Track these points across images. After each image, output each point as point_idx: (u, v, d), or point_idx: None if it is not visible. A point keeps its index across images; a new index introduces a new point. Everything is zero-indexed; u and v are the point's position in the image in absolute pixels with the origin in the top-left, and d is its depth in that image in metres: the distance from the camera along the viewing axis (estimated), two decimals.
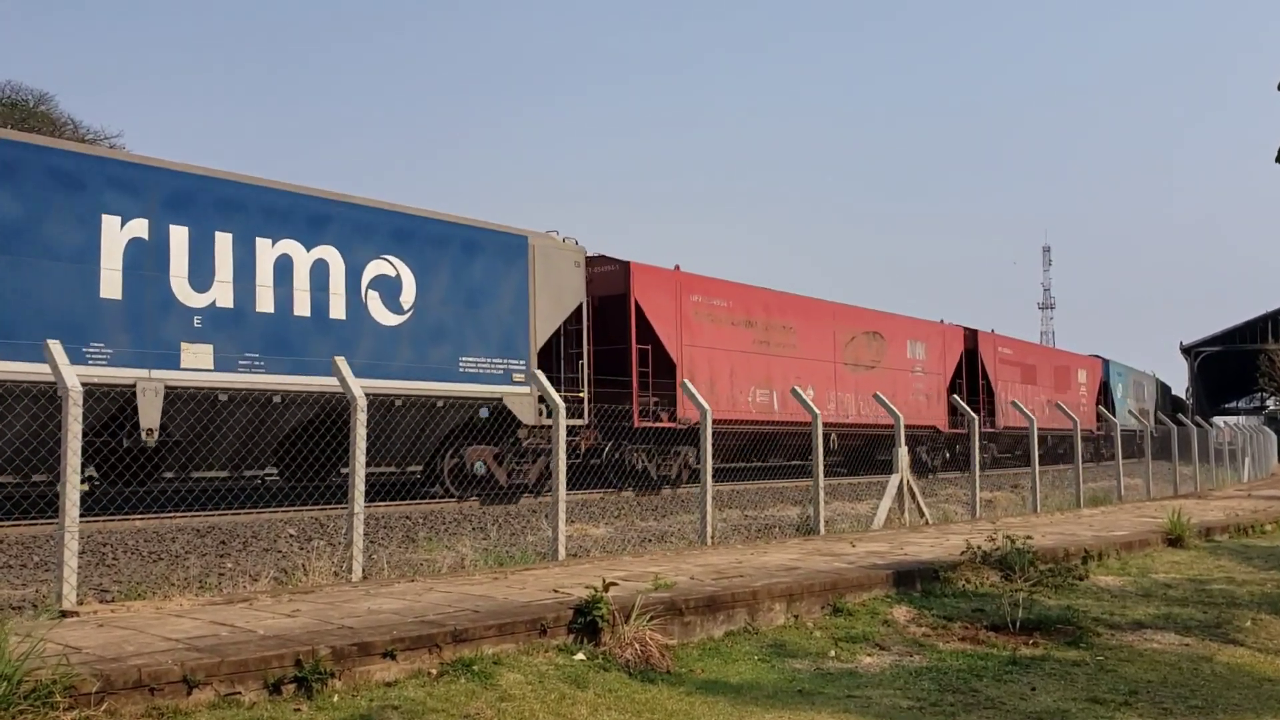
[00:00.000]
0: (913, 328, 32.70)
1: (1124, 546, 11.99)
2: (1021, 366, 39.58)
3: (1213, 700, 6.03)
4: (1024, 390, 38.59)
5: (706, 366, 23.90)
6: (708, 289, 24.79)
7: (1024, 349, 41.04)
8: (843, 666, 6.74)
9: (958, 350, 35.01)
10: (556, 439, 9.93)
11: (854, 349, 29.39)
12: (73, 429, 6.78)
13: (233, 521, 14.66)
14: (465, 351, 18.29)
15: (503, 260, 19.26)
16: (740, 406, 24.50)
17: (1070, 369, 45.04)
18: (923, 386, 32.43)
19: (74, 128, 40.35)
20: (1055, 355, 45.41)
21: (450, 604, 6.91)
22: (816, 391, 26.76)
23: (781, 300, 27.51)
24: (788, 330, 26.93)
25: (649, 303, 22.68)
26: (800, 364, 26.95)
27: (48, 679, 4.55)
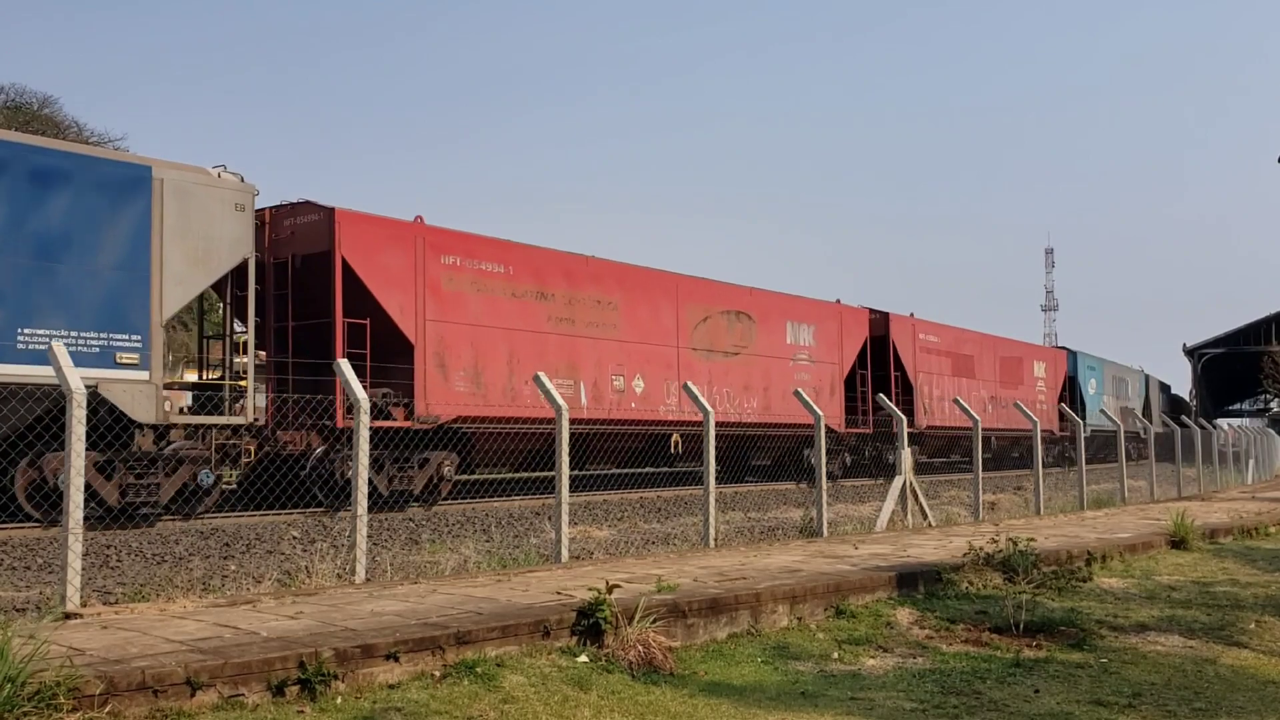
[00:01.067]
0: (794, 308, 27.74)
1: (1128, 548, 11.97)
2: (953, 357, 34.50)
3: (1217, 703, 6.02)
4: (957, 385, 33.95)
5: (468, 349, 18.82)
6: (471, 249, 19.40)
7: (957, 337, 35.33)
8: (846, 668, 6.73)
9: (860, 336, 30.02)
10: (560, 439, 9.92)
11: (708, 331, 24.53)
12: (76, 430, 6.79)
13: (236, 523, 14.67)
14: (31, 321, 13.57)
15: (106, 198, 14.42)
16: (522, 400, 19.32)
17: (1023, 361, 40.15)
18: (810, 378, 27.30)
19: (78, 130, 40.41)
20: (1003, 345, 39.16)
21: (453, 606, 6.91)
22: (648, 383, 22.40)
23: (594, 269, 21.91)
24: (605, 306, 21.82)
25: (368, 263, 17.43)
26: (623, 348, 22.07)
27: (51, 681, 4.55)
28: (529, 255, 20.61)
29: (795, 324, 27.58)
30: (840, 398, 28.23)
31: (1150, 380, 57.73)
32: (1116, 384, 49.75)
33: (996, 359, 37.64)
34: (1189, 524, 13.07)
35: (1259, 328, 69.87)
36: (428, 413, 17.90)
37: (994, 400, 35.18)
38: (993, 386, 36.58)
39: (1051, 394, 40.94)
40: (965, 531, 13.01)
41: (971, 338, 36.21)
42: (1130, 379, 52.91)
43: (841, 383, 28.59)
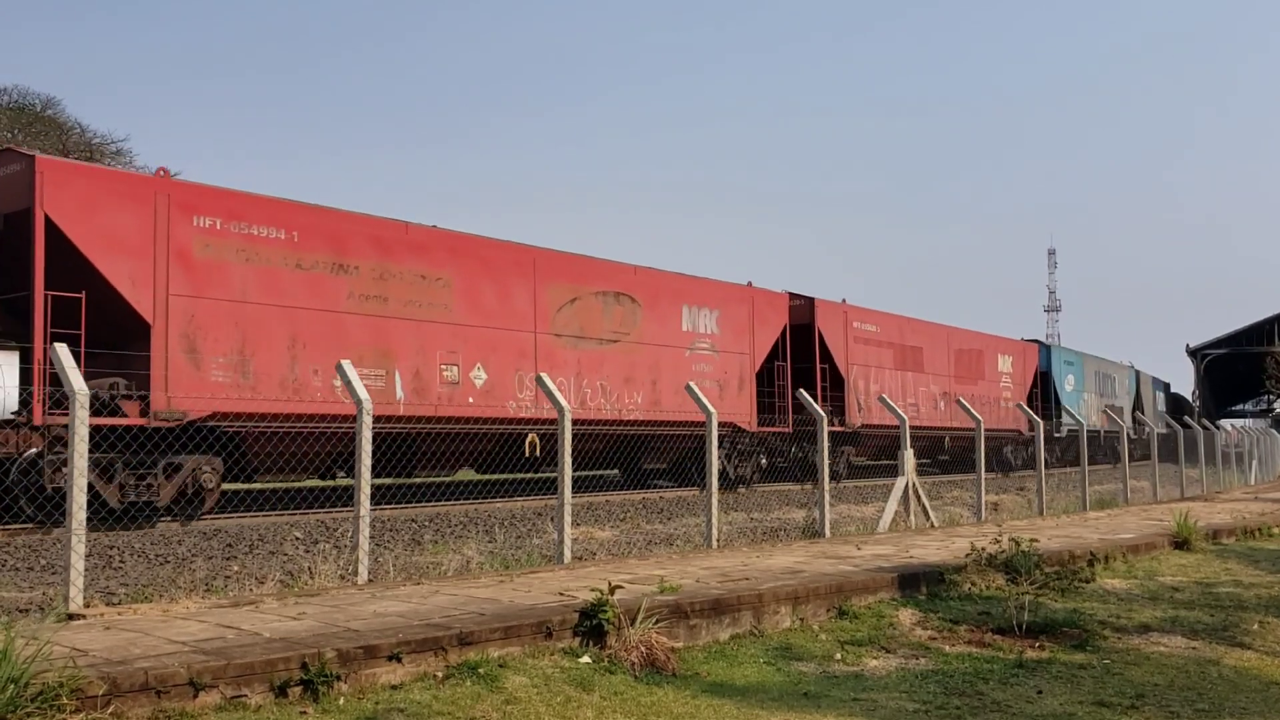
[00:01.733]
0: (692, 290, 24.01)
1: (1130, 549, 11.97)
2: (896, 348, 31.10)
3: (1220, 704, 6.02)
4: (901, 379, 30.93)
5: (230, 330, 15.55)
6: (237, 209, 15.96)
7: (901, 326, 31.76)
8: (848, 669, 6.74)
9: (777, 324, 26.34)
10: (562, 440, 9.92)
11: (577, 315, 20.86)
12: (80, 432, 6.80)
13: (239, 524, 14.68)
14: None
15: None
16: (310, 393, 16.32)
17: (984, 354, 36.18)
18: (712, 370, 23.93)
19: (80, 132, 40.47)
20: (960, 337, 35.14)
21: (456, 607, 6.91)
22: (494, 374, 18.97)
23: (416, 238, 18.34)
24: (432, 283, 18.21)
25: (85, 223, 14.33)
26: (459, 333, 18.52)
27: (54, 681, 4.56)
28: (322, 220, 17.09)
29: (694, 309, 23.87)
30: (751, 393, 24.97)
31: (1142, 377, 54.58)
32: (1101, 380, 46.41)
33: (951, 351, 33.84)
34: (1192, 525, 13.07)
35: (1262, 328, 69.83)
36: (170, 407, 14.61)
37: (948, 397, 31.80)
38: (946, 382, 33.07)
39: (1019, 391, 37.97)
40: (968, 532, 13.01)
41: (920, 328, 32.55)
42: (1118, 375, 49.75)
43: (753, 376, 25.17)
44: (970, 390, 33.57)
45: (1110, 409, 41.63)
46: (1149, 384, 56.32)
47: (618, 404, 21.79)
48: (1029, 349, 39.93)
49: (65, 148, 37.31)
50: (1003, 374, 37.35)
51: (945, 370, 33.51)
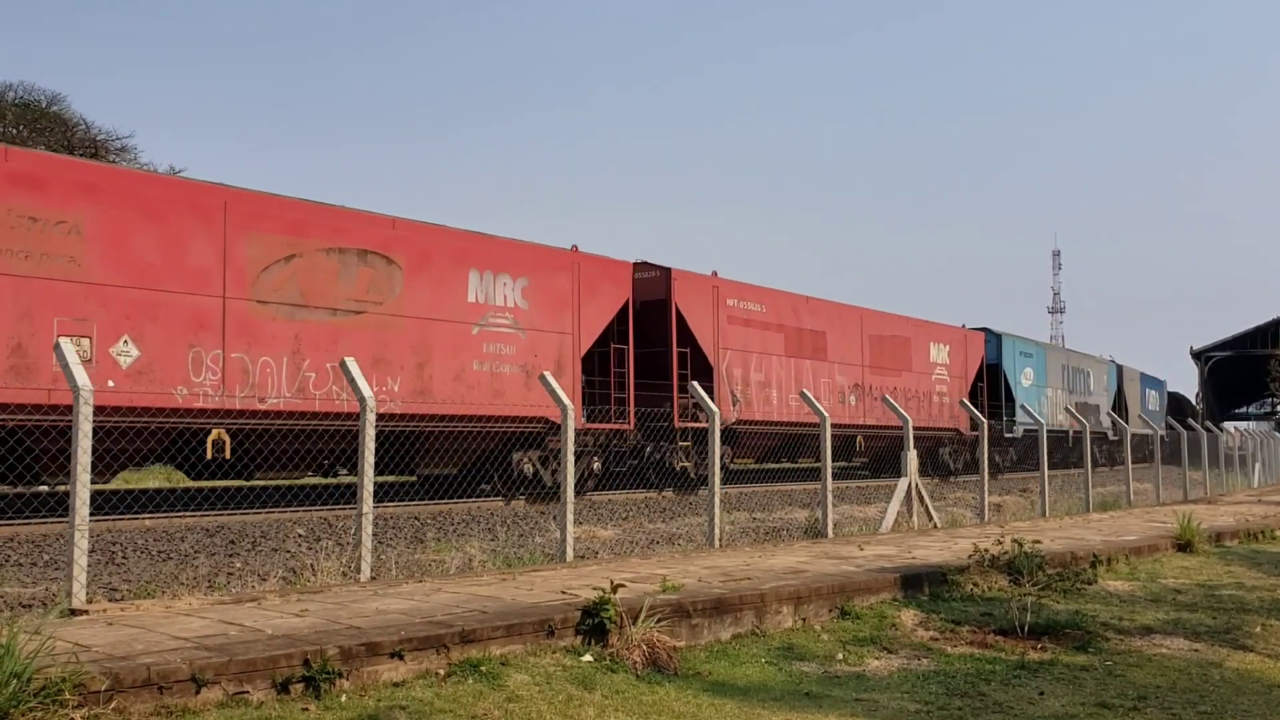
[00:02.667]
0: (485, 252, 18.95)
1: (1133, 551, 11.96)
2: (788, 332, 26.14)
3: (1222, 706, 6.01)
4: (795, 368, 26.11)
5: None
6: None
7: (793, 306, 26.59)
8: (850, 670, 6.73)
9: (617, 297, 21.52)
10: (565, 441, 9.93)
11: (295, 277, 16.08)
12: (83, 428, 6.80)
13: (242, 521, 14.70)
14: None
15: None
16: None
17: (910, 342, 30.95)
18: (513, 351, 19.04)
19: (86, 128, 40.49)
20: (876, 321, 29.88)
21: (458, 605, 6.92)
22: (153, 351, 14.34)
23: (21, 167, 13.50)
24: (49, 228, 13.52)
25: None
26: (94, 294, 13.90)
27: (57, 677, 4.56)
28: None
29: (487, 275, 18.77)
30: (575, 381, 20.01)
31: (1126, 373, 49.72)
32: (1071, 376, 41.72)
33: (866, 338, 29.08)
34: (1195, 527, 13.06)
35: (1266, 331, 69.68)
36: None
37: (860, 390, 27.88)
38: (857, 372, 28.42)
39: (959, 385, 32.95)
40: (970, 533, 13.00)
41: (823, 309, 27.77)
42: (1093, 370, 44.86)
43: (577, 360, 20.26)
44: (892, 383, 29.34)
45: (1080, 407, 38.92)
46: (1135, 381, 51.88)
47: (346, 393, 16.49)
48: (972, 338, 34.75)
49: (70, 144, 37.35)
50: (936, 365, 31.99)
51: (857, 359, 28.56)
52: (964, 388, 33.32)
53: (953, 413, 31.99)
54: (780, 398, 25.42)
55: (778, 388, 25.48)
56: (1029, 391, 36.84)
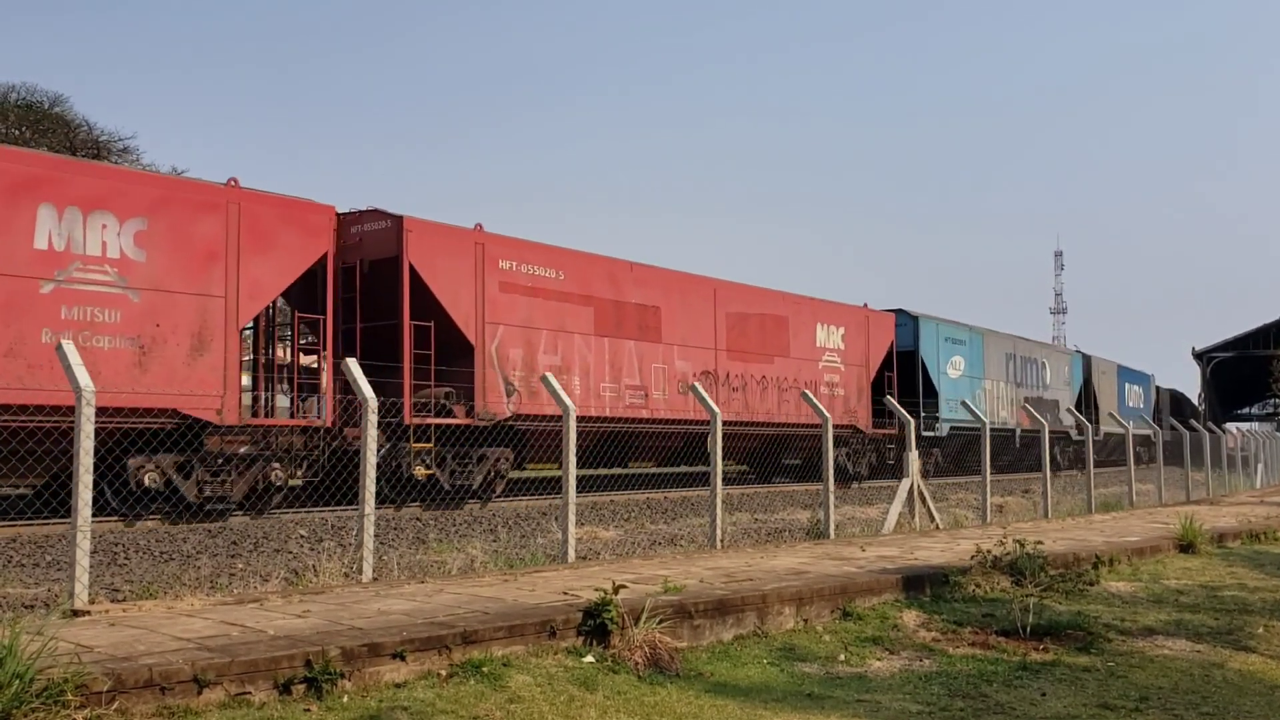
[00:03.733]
0: (78, 183, 13.89)
1: (1135, 552, 11.95)
2: (598, 305, 20.53)
3: (1224, 707, 6.00)
4: (610, 350, 20.57)
5: None
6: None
7: (608, 273, 20.92)
8: (852, 670, 6.73)
9: (303, 252, 16.19)
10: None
11: None
12: (85, 429, 6.81)
13: (244, 522, 14.70)
14: None
15: None
16: None
17: (786, 322, 25.37)
18: (117, 320, 13.87)
19: (88, 129, 40.52)
20: (736, 295, 24.13)
21: (460, 605, 6.92)
22: None
23: None
24: None
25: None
26: None
27: (59, 677, 4.57)
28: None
29: (73, 214, 13.63)
30: (225, 361, 14.95)
31: (1096, 364, 43.83)
32: (1020, 367, 36.22)
33: (722, 315, 23.44)
34: (1197, 528, 13.04)
35: (1268, 331, 69.56)
36: None
37: (712, 378, 22.75)
38: (708, 357, 22.94)
39: (857, 374, 27.57)
40: (973, 534, 13.00)
41: (655, 279, 21.95)
42: (1051, 361, 39.38)
43: (232, 333, 15.11)
44: (760, 370, 24.23)
45: (1033, 402, 34.98)
46: (1110, 374, 45.91)
47: None
48: (877, 320, 28.90)
49: (73, 145, 37.37)
50: (825, 350, 26.53)
51: (707, 340, 22.98)
52: (865, 377, 27.83)
53: (848, 407, 26.80)
54: (587, 387, 19.89)
55: (583, 374, 19.88)
56: (958, 384, 31.34)
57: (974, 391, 31.99)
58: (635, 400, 21.02)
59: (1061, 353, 41.85)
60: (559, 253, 20.10)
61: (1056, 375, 39.41)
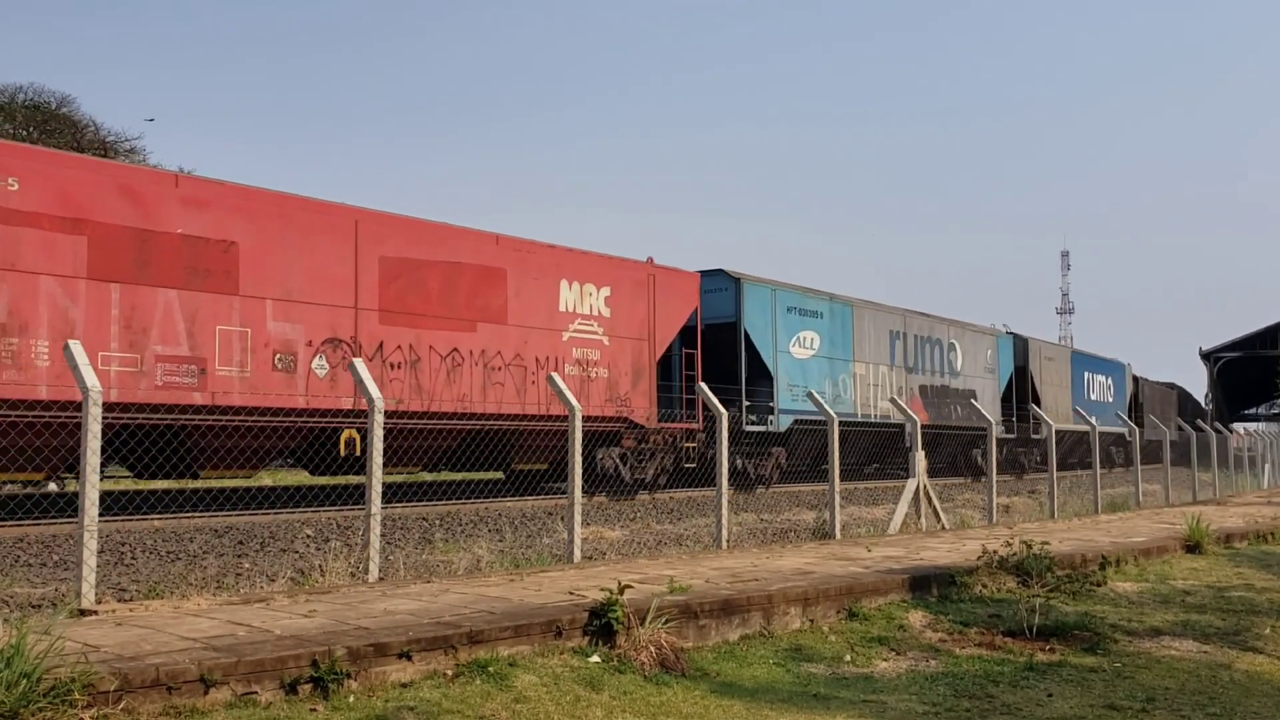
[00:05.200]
0: None
1: (1142, 553, 11.92)
2: (89, 231, 13.71)
3: (1231, 708, 5.99)
4: (116, 302, 13.92)
5: None
6: None
7: (115, 183, 14.12)
8: (858, 671, 6.73)
9: None
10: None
11: None
12: (92, 429, 6.82)
13: (250, 522, 14.72)
14: None
15: None
16: None
17: (506, 276, 18.75)
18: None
19: (95, 129, 40.63)
20: (406, 234, 17.40)
21: (466, 605, 6.92)
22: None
23: None
24: None
25: None
26: None
27: (66, 677, 4.58)
28: None
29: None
30: None
31: (1037, 349, 36.92)
32: (913, 347, 29.74)
33: (370, 260, 16.70)
34: (1204, 528, 13.02)
35: (1276, 331, 69.41)
36: None
37: (350, 348, 16.22)
38: (342, 319, 16.26)
39: (633, 349, 21.04)
40: (979, 535, 12.98)
41: (226, 200, 15.21)
42: (963, 342, 32.33)
43: None
44: (451, 340, 17.72)
45: (933, 391, 29.79)
46: (1061, 361, 38.94)
47: None
48: (668, 280, 22.11)
49: (80, 145, 37.46)
50: (576, 316, 20.04)
51: (339, 294, 16.26)
52: (647, 355, 21.35)
53: (616, 393, 20.53)
54: (53, 353, 13.26)
55: (60, 338, 13.21)
56: (807, 366, 25.37)
57: (836, 376, 26.23)
58: (180, 379, 14.34)
59: (980, 332, 33.85)
60: (10, 150, 13.70)
61: (972, 360, 32.65)
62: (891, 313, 29.24)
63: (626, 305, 21.00)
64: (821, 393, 23.81)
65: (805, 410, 24.11)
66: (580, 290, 20.13)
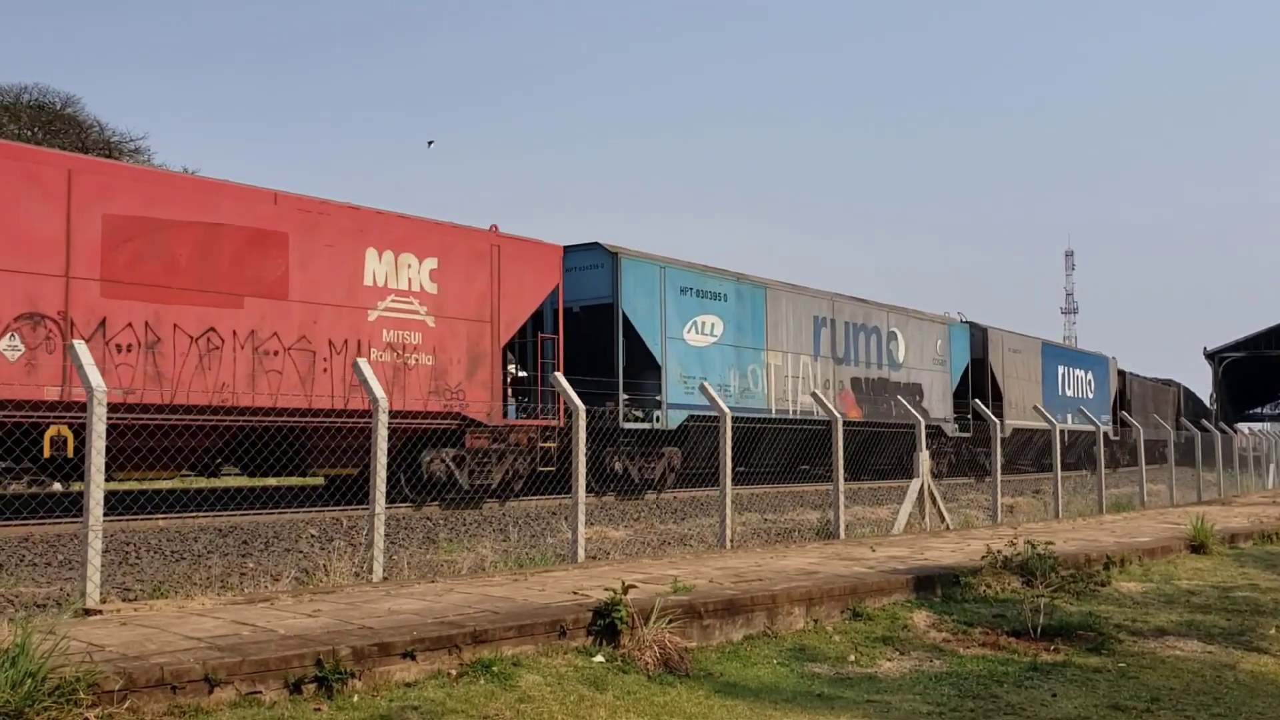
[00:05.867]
0: None
1: (1146, 553, 11.90)
2: None
3: (1236, 708, 5.98)
4: None
5: None
6: None
7: None
8: (862, 671, 6.72)
9: None
10: (577, 437, 9.93)
11: None
12: (97, 428, 6.83)
13: (254, 521, 14.73)
14: None
15: None
16: None
17: (286, 241, 15.58)
18: None
19: (100, 130, 40.70)
20: (149, 188, 14.26)
21: (470, 605, 6.92)
22: None
23: None
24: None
25: None
26: None
27: (71, 676, 4.58)
28: None
29: None
30: None
31: (998, 340, 33.09)
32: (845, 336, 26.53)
33: (92, 219, 13.72)
34: (1208, 528, 13.00)
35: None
36: None
37: (53, 325, 13.18)
38: (47, 290, 13.24)
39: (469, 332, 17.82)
40: (983, 535, 12.96)
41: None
42: (907, 332, 29.00)
43: None
44: (205, 317, 14.58)
45: (872, 384, 27.04)
46: (1030, 354, 35.28)
47: None
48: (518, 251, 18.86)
49: (84, 145, 37.53)
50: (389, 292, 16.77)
51: (42, 261, 13.25)
52: (490, 339, 18.13)
53: (445, 384, 17.36)
54: None
55: None
56: (707, 354, 22.10)
57: (745, 367, 22.91)
58: None
59: (928, 321, 30.22)
60: None
61: (918, 350, 29.28)
62: (816, 297, 26.00)
63: (460, 280, 17.71)
64: (724, 386, 21.83)
65: (703, 405, 20.30)
66: (395, 261, 16.88)
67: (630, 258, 20.94)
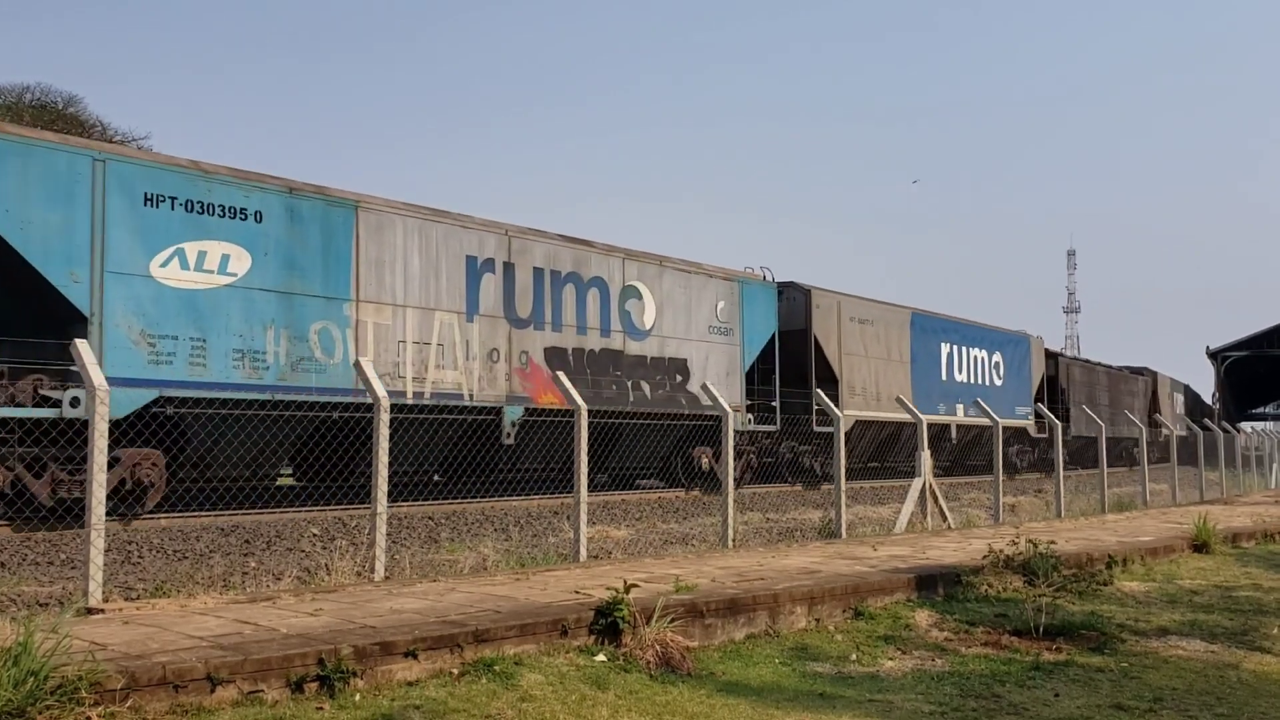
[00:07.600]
0: None
1: (1149, 552, 11.89)
2: None
3: (1239, 708, 5.97)
4: None
5: None
6: None
7: None
8: (864, 670, 6.72)
9: None
10: (578, 437, 9.92)
11: None
12: (99, 427, 6.83)
13: (256, 520, 14.73)
14: None
15: None
16: None
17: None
18: None
19: (102, 129, 40.71)
20: None
21: (472, 604, 6.92)
22: None
23: None
24: None
25: None
26: None
27: (74, 675, 4.59)
28: None
29: None
30: None
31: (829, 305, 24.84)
32: (535, 288, 18.28)
33: None
34: (1211, 528, 12.98)
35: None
36: None
37: None
38: None
39: None
40: (985, 534, 12.95)
41: None
42: (663, 288, 20.61)
43: None
44: None
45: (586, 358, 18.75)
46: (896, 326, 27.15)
47: None
48: None
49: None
50: None
51: None
52: None
53: None
54: None
55: None
56: (204, 301, 14.02)
57: (301, 326, 15.03)
58: None
59: (703, 275, 21.72)
60: None
61: (682, 314, 21.09)
62: (472, 228, 17.60)
63: None
64: (255, 351, 14.44)
65: (199, 381, 13.88)
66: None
67: (17, 141, 12.43)
